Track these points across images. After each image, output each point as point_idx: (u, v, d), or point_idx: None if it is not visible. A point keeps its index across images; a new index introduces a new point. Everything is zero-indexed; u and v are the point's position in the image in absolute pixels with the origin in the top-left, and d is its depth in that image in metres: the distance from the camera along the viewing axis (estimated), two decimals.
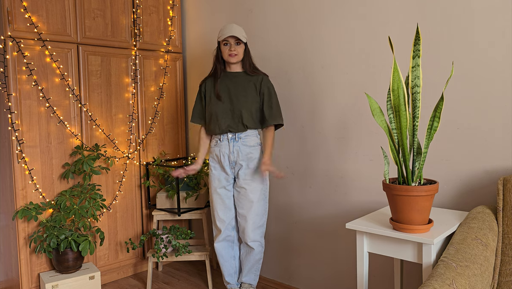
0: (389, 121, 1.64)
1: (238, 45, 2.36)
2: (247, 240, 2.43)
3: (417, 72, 1.55)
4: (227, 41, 2.36)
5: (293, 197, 2.66)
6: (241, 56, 2.39)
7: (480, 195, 1.89)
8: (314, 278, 2.60)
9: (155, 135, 3.13)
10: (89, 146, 2.76)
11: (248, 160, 2.37)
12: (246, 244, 2.46)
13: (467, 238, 1.49)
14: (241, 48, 2.38)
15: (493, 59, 1.83)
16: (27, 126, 2.50)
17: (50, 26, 2.56)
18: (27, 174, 2.51)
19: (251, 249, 2.46)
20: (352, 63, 2.30)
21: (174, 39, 3.22)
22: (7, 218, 2.63)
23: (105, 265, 2.89)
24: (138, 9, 2.97)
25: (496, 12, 1.81)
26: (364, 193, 2.30)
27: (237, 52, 2.36)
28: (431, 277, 1.24)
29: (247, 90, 2.38)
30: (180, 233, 2.78)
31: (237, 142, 2.37)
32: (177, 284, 2.88)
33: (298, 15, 2.54)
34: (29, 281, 2.54)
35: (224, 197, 2.44)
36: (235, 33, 2.32)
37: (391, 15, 2.13)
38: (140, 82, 3.00)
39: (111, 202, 2.89)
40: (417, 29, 1.53)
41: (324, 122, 2.45)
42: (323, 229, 2.52)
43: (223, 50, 2.38)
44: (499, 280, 1.56)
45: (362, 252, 1.74)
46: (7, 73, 2.42)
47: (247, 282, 2.54)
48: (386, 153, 2.10)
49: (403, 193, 1.54)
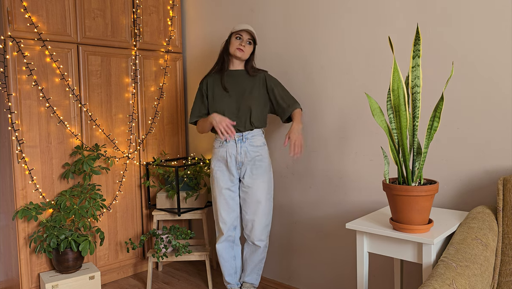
0: (389, 121, 1.64)
1: (249, 44, 2.37)
2: (254, 239, 2.43)
3: (417, 72, 1.55)
4: (241, 35, 2.35)
5: (293, 197, 2.66)
6: (247, 55, 2.38)
7: (480, 195, 1.89)
8: (314, 278, 2.60)
9: (155, 135, 3.13)
10: (89, 146, 2.76)
11: (255, 160, 2.36)
12: (253, 243, 2.45)
13: (467, 238, 1.49)
14: (250, 48, 2.38)
15: (493, 59, 1.83)
16: (27, 126, 2.50)
17: (50, 26, 2.56)
18: (27, 174, 2.51)
19: (257, 247, 2.46)
20: (352, 63, 2.30)
21: (174, 39, 3.22)
22: (7, 218, 2.63)
23: (105, 265, 2.89)
24: (138, 9, 2.97)
25: (496, 12, 1.81)
26: (364, 193, 2.30)
27: (245, 50, 2.35)
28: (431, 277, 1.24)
29: (252, 88, 2.37)
30: (180, 233, 2.78)
31: (244, 143, 2.36)
32: (177, 284, 2.88)
33: (298, 15, 2.54)
34: (29, 281, 2.54)
35: (228, 198, 2.43)
36: (250, 29, 2.33)
37: (391, 15, 2.13)
38: (140, 82, 3.00)
39: (111, 202, 2.89)
40: (417, 29, 1.53)
41: (324, 122, 2.45)
42: (323, 229, 2.52)
43: (233, 42, 2.36)
44: (499, 280, 1.56)
45: (362, 252, 1.74)
46: (7, 73, 2.42)
47: (249, 282, 2.54)
48: (386, 153, 2.10)
49: (403, 193, 1.54)
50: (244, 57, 2.37)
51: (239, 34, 2.35)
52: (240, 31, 2.35)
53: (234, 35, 2.36)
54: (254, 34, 2.35)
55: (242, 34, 2.35)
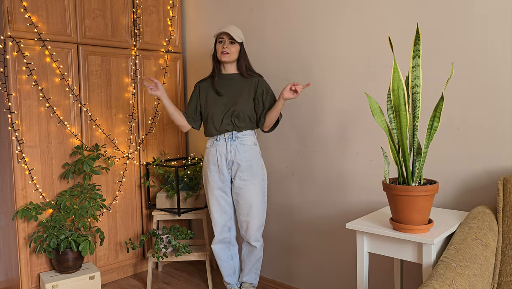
0: (389, 121, 1.64)
1: (232, 44, 2.34)
2: (250, 239, 2.43)
3: (417, 72, 1.55)
4: (222, 38, 2.34)
5: (293, 197, 2.66)
6: (234, 56, 2.36)
7: (480, 195, 1.89)
8: (314, 278, 2.60)
9: (155, 135, 3.13)
10: (89, 146, 2.76)
11: (245, 159, 2.37)
12: (249, 243, 2.46)
13: (467, 238, 1.49)
14: (235, 48, 2.35)
15: (493, 59, 1.83)
16: (27, 126, 2.50)
17: (50, 26, 2.56)
18: (27, 174, 2.51)
19: (253, 248, 2.47)
20: (352, 63, 2.30)
21: (174, 39, 3.22)
22: (7, 218, 2.63)
23: (105, 265, 2.89)
24: (138, 9, 2.97)
25: (497, 12, 1.81)
26: (364, 193, 2.30)
27: (229, 51, 2.33)
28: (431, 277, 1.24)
29: (242, 91, 2.38)
30: (180, 233, 2.78)
31: (234, 142, 2.36)
32: (177, 284, 2.88)
33: (298, 15, 2.54)
34: (29, 281, 2.54)
35: (220, 198, 2.44)
36: (228, 30, 2.30)
37: (391, 15, 2.13)
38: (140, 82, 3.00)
39: (111, 202, 2.89)
40: (417, 29, 1.53)
41: (324, 122, 2.45)
42: (323, 229, 2.51)
43: (217, 48, 2.36)
44: (499, 280, 1.56)
45: (362, 252, 1.74)
46: (7, 73, 2.42)
47: (248, 282, 2.54)
48: (386, 153, 2.10)
49: (403, 193, 1.54)
50: (230, 58, 2.36)
51: (221, 38, 2.35)
52: (220, 34, 2.35)
53: (218, 40, 2.36)
54: (232, 34, 2.30)
55: (223, 37, 2.34)
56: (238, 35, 2.34)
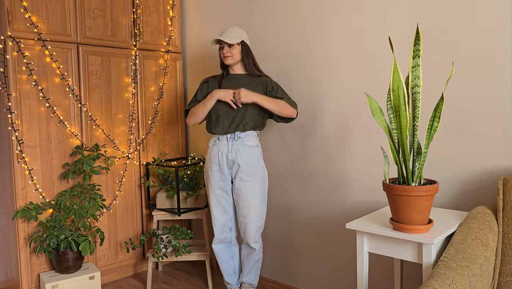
0: (389, 121, 1.64)
1: (230, 47, 2.36)
2: (248, 241, 2.44)
3: (417, 72, 1.55)
4: (220, 44, 2.38)
5: (293, 197, 2.66)
6: (236, 57, 2.38)
7: (480, 195, 1.89)
8: (314, 278, 2.60)
9: (155, 135, 3.13)
10: (89, 146, 2.76)
11: (246, 160, 2.37)
12: (248, 244, 2.46)
13: (467, 238, 1.49)
14: (235, 50, 2.37)
15: (493, 59, 1.83)
16: (27, 126, 2.50)
17: (50, 26, 2.56)
18: (27, 174, 2.51)
19: (252, 249, 2.47)
20: (352, 63, 2.30)
21: (174, 39, 3.22)
22: (7, 218, 2.63)
23: (105, 265, 2.89)
24: (138, 9, 2.97)
25: (497, 12, 1.81)
26: (364, 193, 2.30)
27: (230, 54, 2.36)
28: (431, 277, 1.24)
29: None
30: (180, 233, 2.78)
31: (236, 142, 2.36)
32: (177, 284, 2.88)
33: (298, 15, 2.54)
34: (29, 281, 2.54)
35: (220, 198, 2.44)
36: (221, 37, 2.33)
37: (391, 15, 2.13)
38: (140, 82, 3.00)
39: (111, 202, 2.89)
40: (417, 29, 1.53)
41: (324, 122, 2.45)
42: (323, 229, 2.52)
43: (220, 53, 2.41)
44: (499, 280, 1.56)
45: (362, 252, 1.74)
46: (7, 73, 2.42)
47: (248, 282, 2.55)
48: (386, 153, 2.10)
49: (403, 193, 1.54)
50: (233, 60, 2.38)
51: (219, 44, 2.39)
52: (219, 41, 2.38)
53: (219, 46, 2.40)
54: (225, 40, 2.31)
55: (221, 42, 2.38)
56: (234, 36, 2.35)
